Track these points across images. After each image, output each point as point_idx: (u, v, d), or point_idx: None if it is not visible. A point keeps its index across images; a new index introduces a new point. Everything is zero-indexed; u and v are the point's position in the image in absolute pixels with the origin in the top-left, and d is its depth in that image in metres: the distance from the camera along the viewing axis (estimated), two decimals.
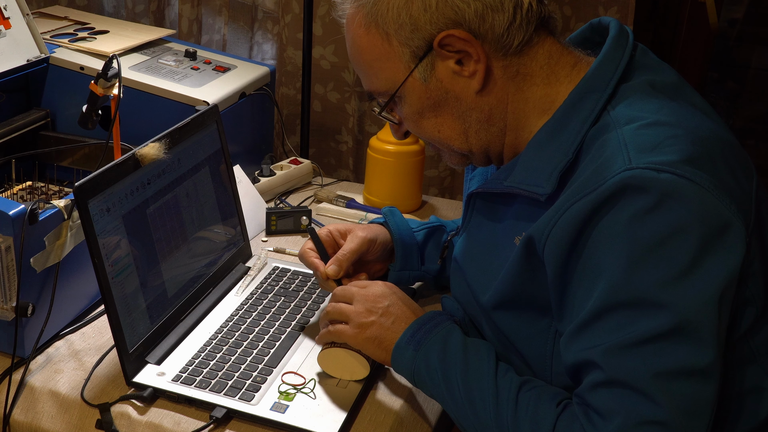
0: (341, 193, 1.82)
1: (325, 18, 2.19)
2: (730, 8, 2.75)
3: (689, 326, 0.88)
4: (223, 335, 1.27)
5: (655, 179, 0.89)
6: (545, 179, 1.00)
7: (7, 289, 1.16)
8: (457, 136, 1.09)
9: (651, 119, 0.96)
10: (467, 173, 1.25)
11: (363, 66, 1.11)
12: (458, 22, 1.01)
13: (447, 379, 1.05)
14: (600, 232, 0.92)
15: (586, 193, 0.92)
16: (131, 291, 1.18)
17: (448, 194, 2.31)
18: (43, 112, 1.64)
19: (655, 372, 0.88)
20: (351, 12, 1.08)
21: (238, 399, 1.13)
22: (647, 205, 0.89)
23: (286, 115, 2.29)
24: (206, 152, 1.40)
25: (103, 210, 1.14)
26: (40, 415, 1.15)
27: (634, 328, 0.89)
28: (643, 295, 0.89)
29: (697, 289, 0.88)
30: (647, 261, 0.89)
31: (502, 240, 1.08)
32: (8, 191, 1.48)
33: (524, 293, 1.03)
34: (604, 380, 0.91)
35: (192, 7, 2.27)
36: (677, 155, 0.91)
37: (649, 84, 1.02)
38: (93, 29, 1.81)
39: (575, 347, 0.95)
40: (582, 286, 0.94)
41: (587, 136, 0.99)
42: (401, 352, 1.10)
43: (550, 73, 1.05)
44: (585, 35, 1.13)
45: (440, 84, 1.05)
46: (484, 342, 1.09)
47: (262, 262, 1.49)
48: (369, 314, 1.14)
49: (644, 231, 0.89)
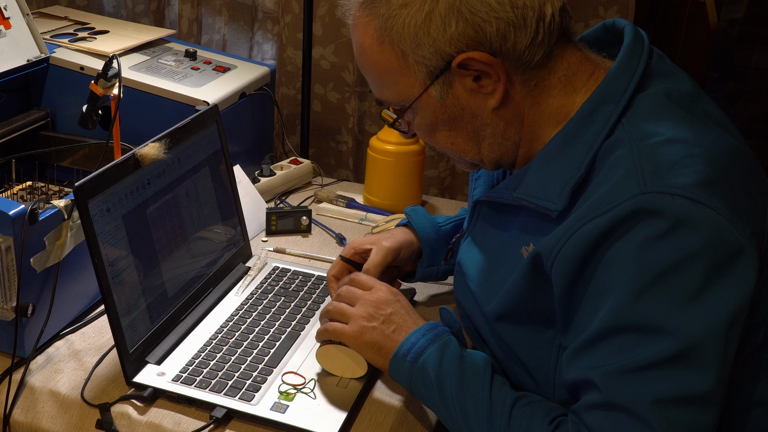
0: (341, 193, 1.82)
1: (325, 18, 2.19)
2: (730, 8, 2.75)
3: (692, 353, 0.87)
4: (223, 335, 1.27)
5: (669, 204, 0.87)
6: (556, 194, 0.97)
7: (7, 289, 1.16)
8: (470, 149, 1.07)
9: (667, 136, 0.93)
10: (472, 174, 1.23)
11: (374, 76, 1.06)
12: (479, 42, 0.97)
13: (442, 392, 1.04)
14: (611, 254, 0.90)
15: (598, 213, 0.90)
16: (131, 291, 1.18)
17: (448, 194, 2.31)
18: (43, 112, 1.64)
19: (655, 398, 0.87)
20: (362, 20, 1.03)
21: (238, 399, 1.13)
22: (660, 231, 0.87)
23: (286, 115, 2.29)
24: (206, 152, 1.40)
25: (103, 210, 1.14)
26: (40, 415, 1.15)
27: (636, 353, 0.88)
28: (649, 320, 0.88)
29: (704, 316, 0.87)
30: (656, 286, 0.87)
31: (507, 249, 1.06)
32: (8, 191, 1.48)
33: (529, 306, 1.02)
34: (601, 402, 0.90)
35: (192, 7, 2.27)
36: (693, 177, 0.89)
37: (665, 94, 0.99)
38: (93, 29, 1.81)
39: (576, 365, 0.94)
40: (588, 305, 0.93)
41: (600, 150, 0.96)
42: (399, 362, 1.09)
43: (568, 83, 1.01)
44: (597, 35, 1.10)
45: (456, 101, 1.02)
46: (482, 355, 1.07)
47: (262, 262, 1.49)
48: (371, 319, 1.13)
49: (655, 256, 0.87)
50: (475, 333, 1.16)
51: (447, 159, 2.26)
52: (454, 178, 2.32)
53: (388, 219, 1.66)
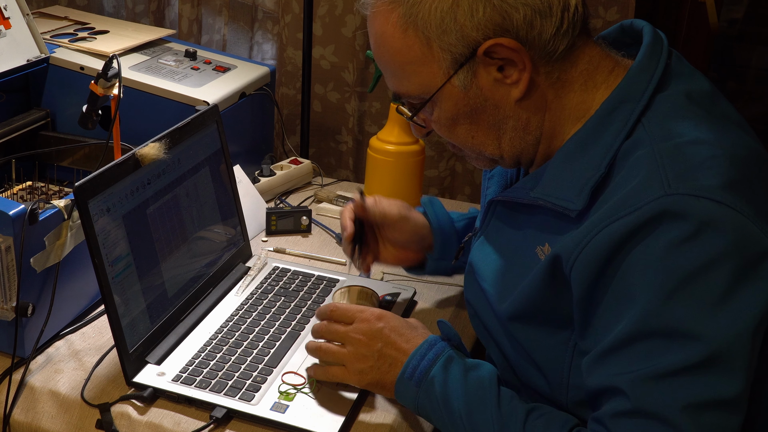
0: (341, 193, 1.82)
1: (325, 18, 2.19)
2: (730, 8, 2.74)
3: (721, 357, 0.86)
4: (223, 335, 1.27)
5: (694, 206, 0.86)
6: (576, 194, 0.96)
7: (7, 289, 1.16)
8: (490, 143, 1.05)
9: (689, 137, 0.92)
10: (485, 172, 1.22)
11: (393, 67, 1.03)
12: (506, 29, 0.95)
13: (450, 411, 1.03)
14: (634, 257, 0.89)
15: (621, 215, 0.89)
16: (131, 291, 1.18)
17: (448, 194, 2.31)
18: (43, 112, 1.64)
19: (685, 404, 0.86)
20: (383, 8, 1.00)
21: (238, 399, 1.13)
22: (685, 234, 0.86)
23: (286, 115, 2.29)
24: (206, 152, 1.40)
25: (103, 210, 1.14)
26: (40, 415, 1.15)
27: (664, 359, 0.87)
28: (676, 325, 0.87)
29: (731, 320, 0.86)
30: (682, 291, 0.86)
31: (522, 249, 1.05)
32: (8, 191, 1.48)
33: (545, 308, 1.00)
34: (629, 410, 0.89)
35: (192, 7, 2.27)
36: (717, 179, 0.88)
37: (686, 95, 0.98)
38: (93, 29, 1.81)
39: (600, 372, 0.92)
40: (610, 309, 0.91)
41: (620, 150, 0.95)
42: (404, 386, 1.08)
43: (588, 78, 1.00)
44: (615, 36, 1.09)
45: (480, 91, 1.00)
46: (487, 367, 1.06)
47: (262, 262, 1.49)
48: (365, 359, 1.11)
49: (681, 260, 0.86)
50: (485, 333, 1.14)
51: (447, 159, 2.26)
52: (454, 178, 2.31)
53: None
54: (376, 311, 1.14)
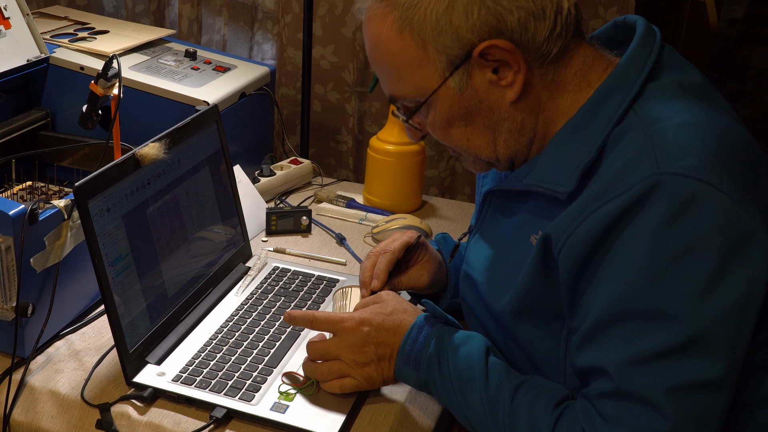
0: (341, 193, 1.82)
1: (325, 18, 2.19)
2: (730, 8, 2.74)
3: (704, 339, 0.87)
4: (223, 335, 1.27)
5: (681, 185, 0.87)
6: (566, 177, 0.97)
7: (7, 289, 1.16)
8: (486, 146, 1.06)
9: (680, 119, 0.93)
10: (479, 174, 1.22)
11: (389, 70, 1.04)
12: (500, 31, 0.97)
13: (446, 388, 1.06)
14: (623, 239, 0.90)
15: (611, 197, 0.90)
16: (131, 291, 1.18)
17: (448, 194, 2.31)
18: (43, 112, 1.64)
19: (668, 387, 0.87)
20: (379, 12, 1.01)
21: (238, 399, 1.13)
22: (672, 212, 0.87)
23: (286, 115, 2.29)
24: (206, 152, 1.40)
25: (103, 210, 1.14)
26: (40, 415, 1.15)
27: (647, 341, 0.88)
28: (660, 306, 0.88)
29: (716, 302, 0.87)
30: (667, 273, 0.87)
31: (517, 238, 1.06)
32: (8, 191, 1.48)
33: (541, 297, 1.01)
34: (613, 390, 0.90)
35: (192, 7, 2.27)
36: (705, 159, 0.89)
37: (678, 84, 0.99)
38: (93, 29, 1.81)
39: (586, 351, 0.94)
40: (598, 288, 0.92)
41: (611, 135, 0.96)
42: (405, 373, 1.11)
43: (582, 79, 1.02)
44: (608, 34, 1.10)
45: (475, 93, 1.01)
46: (478, 340, 1.07)
47: (262, 262, 1.49)
48: (366, 366, 1.12)
49: (666, 241, 0.87)
50: (481, 331, 1.15)
51: (447, 159, 2.26)
52: (454, 178, 2.31)
53: (388, 219, 1.66)
54: (356, 317, 1.13)
